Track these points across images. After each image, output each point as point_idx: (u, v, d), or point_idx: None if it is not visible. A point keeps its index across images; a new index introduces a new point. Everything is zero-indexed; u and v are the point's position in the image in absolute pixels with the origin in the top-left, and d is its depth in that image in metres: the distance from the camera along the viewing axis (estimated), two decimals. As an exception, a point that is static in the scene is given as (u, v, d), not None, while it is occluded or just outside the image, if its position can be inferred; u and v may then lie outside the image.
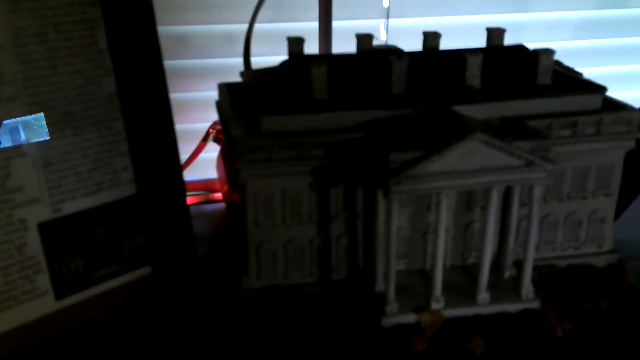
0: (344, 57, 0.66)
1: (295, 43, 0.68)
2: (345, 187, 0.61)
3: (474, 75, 0.62)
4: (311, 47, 0.90)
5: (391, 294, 0.58)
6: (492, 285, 0.61)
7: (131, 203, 0.62)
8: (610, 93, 0.65)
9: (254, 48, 0.86)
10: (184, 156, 0.98)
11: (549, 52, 0.63)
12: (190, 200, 0.93)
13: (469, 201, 0.63)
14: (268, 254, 0.62)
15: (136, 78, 0.60)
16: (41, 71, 0.55)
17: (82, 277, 0.61)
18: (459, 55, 0.62)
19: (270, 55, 0.77)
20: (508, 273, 0.64)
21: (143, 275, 0.65)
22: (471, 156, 0.55)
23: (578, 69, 0.72)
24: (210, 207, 0.94)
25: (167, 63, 1.02)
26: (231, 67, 0.81)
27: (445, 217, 0.57)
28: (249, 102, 0.63)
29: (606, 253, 0.68)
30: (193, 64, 1.03)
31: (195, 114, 1.00)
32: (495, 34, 0.70)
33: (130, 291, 0.64)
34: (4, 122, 0.55)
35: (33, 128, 0.56)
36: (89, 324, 0.61)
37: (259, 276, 0.62)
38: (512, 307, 0.61)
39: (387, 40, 1.02)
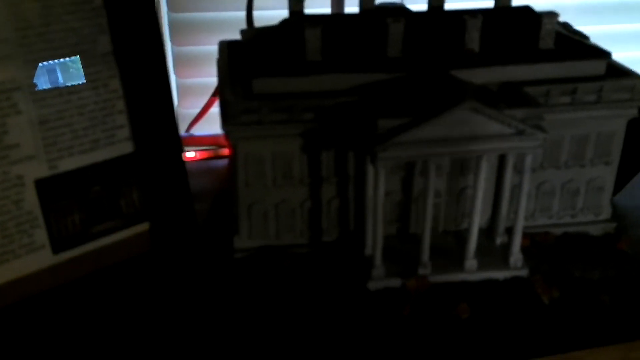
0: (342, 17, 0.65)
1: (296, 1, 0.67)
2: (337, 151, 0.61)
3: (472, 39, 0.61)
4: (324, 2, 0.89)
5: (378, 259, 0.59)
6: (483, 252, 0.61)
7: (127, 161, 0.63)
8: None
9: (265, 2, 0.84)
10: (194, 111, 0.99)
11: (552, 15, 0.61)
12: (199, 155, 0.94)
13: (462, 166, 0.63)
14: (259, 215, 0.63)
15: (132, 36, 0.61)
16: (36, 29, 0.56)
17: (79, 233, 0.62)
18: (459, 17, 0.61)
19: (280, 10, 0.75)
20: (500, 240, 0.64)
21: (141, 231, 0.66)
22: (461, 124, 0.54)
23: (600, 26, 0.68)
24: (219, 162, 0.95)
25: (179, 16, 1.02)
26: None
27: (433, 185, 0.57)
28: (244, 63, 0.63)
29: (603, 222, 0.67)
30: (207, 16, 1.03)
31: (207, 68, 1.00)
32: (503, -7, 0.68)
33: (128, 247, 0.65)
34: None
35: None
36: (87, 278, 0.63)
37: (251, 236, 0.63)
38: (500, 275, 0.61)
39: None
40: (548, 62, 0.61)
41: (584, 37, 0.68)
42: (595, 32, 0.73)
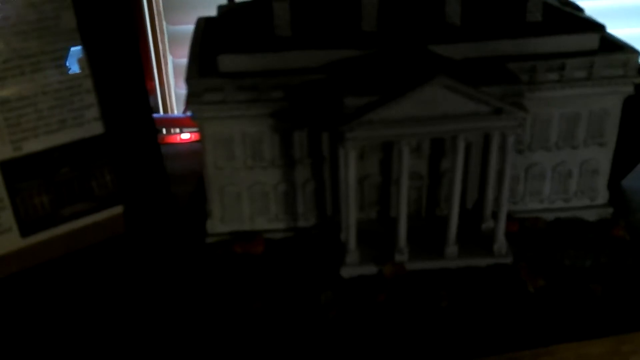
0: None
1: (273, -25, 0.64)
2: (309, 131, 0.58)
3: (454, 11, 0.57)
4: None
5: (352, 244, 0.56)
6: (467, 238, 0.58)
7: (98, 142, 0.62)
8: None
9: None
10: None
11: (540, -15, 0.57)
12: (195, 136, 0.92)
13: (445, 148, 0.59)
14: (231, 198, 0.60)
15: (98, 10, 0.58)
16: (-7, 5, 0.54)
17: (49, 215, 0.61)
18: (440, -11, 0.57)
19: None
20: (485, 225, 0.60)
21: (115, 214, 0.65)
22: (433, 102, 0.51)
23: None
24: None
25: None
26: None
27: (407, 167, 0.54)
28: (215, 39, 0.60)
29: (599, 206, 0.63)
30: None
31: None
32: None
33: (101, 229, 0.64)
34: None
35: None
36: (58, 261, 0.61)
37: (223, 220, 0.61)
38: (482, 262, 0.57)
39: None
40: (535, 37, 0.57)
41: (578, 10, 0.63)
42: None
